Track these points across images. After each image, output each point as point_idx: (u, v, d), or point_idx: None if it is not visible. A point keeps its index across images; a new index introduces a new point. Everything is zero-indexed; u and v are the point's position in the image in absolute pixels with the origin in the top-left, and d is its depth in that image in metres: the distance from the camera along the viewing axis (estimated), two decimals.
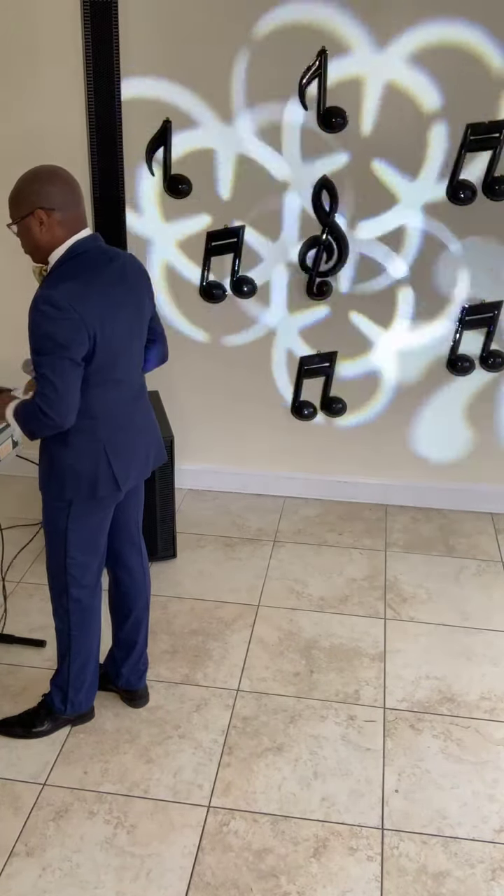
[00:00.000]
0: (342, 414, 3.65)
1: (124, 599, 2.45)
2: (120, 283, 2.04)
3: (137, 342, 2.15)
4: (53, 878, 1.99)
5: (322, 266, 3.37)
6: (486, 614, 3.02)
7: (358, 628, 2.93)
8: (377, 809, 2.19)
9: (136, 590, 2.45)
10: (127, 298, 2.05)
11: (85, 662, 2.36)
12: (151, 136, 3.24)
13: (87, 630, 2.34)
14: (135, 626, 2.47)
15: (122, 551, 2.39)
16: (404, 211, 3.27)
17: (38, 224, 1.95)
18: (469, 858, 2.05)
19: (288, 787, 2.26)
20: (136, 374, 2.19)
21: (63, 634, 2.35)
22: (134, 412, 2.18)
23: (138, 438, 2.20)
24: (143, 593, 2.47)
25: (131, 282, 2.09)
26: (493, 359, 3.43)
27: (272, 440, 3.78)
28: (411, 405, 3.61)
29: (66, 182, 1.98)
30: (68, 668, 2.36)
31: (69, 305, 1.87)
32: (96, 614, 2.37)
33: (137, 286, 2.12)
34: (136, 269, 2.14)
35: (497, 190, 3.13)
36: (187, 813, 2.17)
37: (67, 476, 2.10)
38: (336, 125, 3.11)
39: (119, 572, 2.42)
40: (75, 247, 1.99)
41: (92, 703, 2.45)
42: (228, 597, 3.11)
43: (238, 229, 3.35)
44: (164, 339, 2.33)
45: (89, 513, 2.17)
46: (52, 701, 2.40)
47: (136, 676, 2.51)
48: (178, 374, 3.66)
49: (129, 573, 2.42)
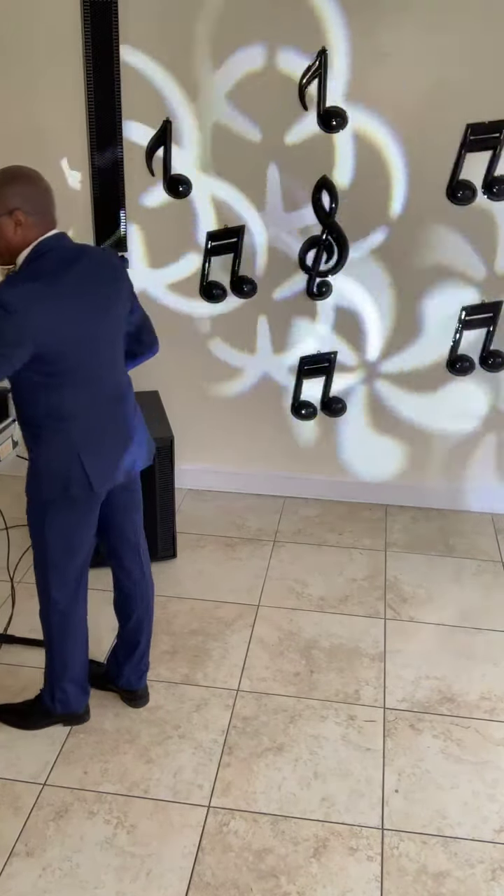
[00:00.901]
0: (342, 414, 3.65)
1: (126, 601, 2.45)
2: (86, 281, 2.00)
3: (111, 341, 2.10)
4: (53, 878, 1.99)
5: (322, 266, 3.37)
6: (486, 614, 3.02)
7: (358, 628, 2.93)
8: (377, 809, 2.19)
9: (136, 592, 2.44)
10: (94, 297, 2.01)
11: (67, 665, 2.36)
12: (151, 137, 3.24)
13: (65, 635, 2.33)
14: (136, 627, 2.47)
15: (119, 553, 2.39)
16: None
17: (14, 225, 1.94)
18: (469, 858, 2.05)
19: (288, 787, 2.26)
20: (114, 373, 2.14)
21: (45, 634, 2.36)
22: (113, 412, 2.15)
23: (118, 440, 2.17)
24: (144, 596, 2.46)
25: (101, 279, 2.05)
26: (493, 359, 3.43)
27: (272, 440, 3.78)
28: (411, 405, 3.61)
29: (41, 184, 1.97)
30: (51, 666, 2.37)
31: (20, 308, 1.84)
32: (76, 620, 2.34)
33: (108, 283, 2.07)
34: (106, 265, 2.09)
35: (497, 190, 3.13)
36: (187, 813, 2.17)
37: (43, 476, 2.10)
38: (336, 125, 3.12)
39: (118, 573, 2.43)
40: (39, 247, 1.96)
41: (83, 706, 2.44)
42: (228, 597, 3.11)
43: (238, 229, 3.35)
44: (148, 329, 2.29)
45: (65, 513, 2.16)
46: (44, 697, 2.41)
47: (136, 676, 2.51)
48: (178, 374, 3.66)
49: (128, 575, 2.42)
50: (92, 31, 2.92)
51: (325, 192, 3.25)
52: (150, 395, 3.60)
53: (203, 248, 3.40)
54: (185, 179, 3.29)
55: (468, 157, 3.11)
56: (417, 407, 3.61)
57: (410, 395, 3.59)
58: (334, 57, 3.05)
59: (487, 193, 3.16)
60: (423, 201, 3.24)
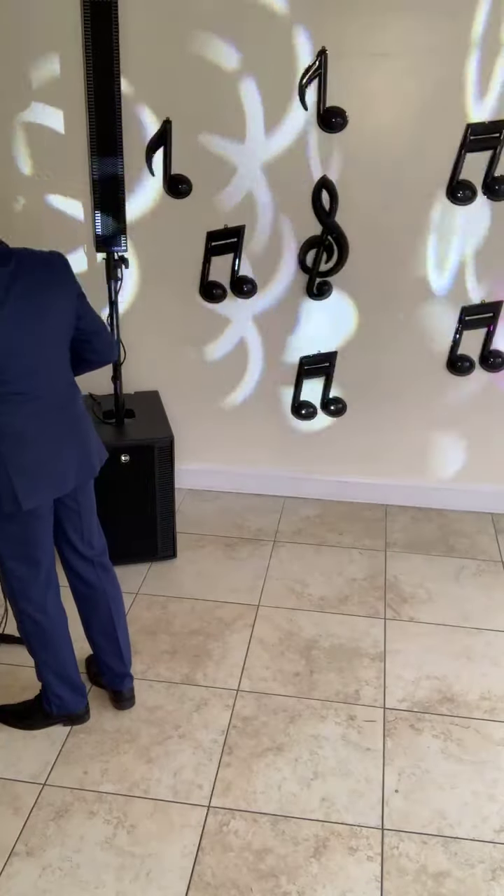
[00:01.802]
0: (342, 414, 3.65)
1: (86, 606, 2.41)
2: (11, 288, 1.89)
3: (44, 350, 1.99)
4: (53, 878, 1.99)
5: (322, 266, 3.37)
6: (486, 614, 3.02)
7: (358, 628, 2.93)
8: (377, 809, 2.19)
9: (95, 597, 2.38)
10: (22, 305, 1.90)
11: (53, 670, 2.35)
12: (151, 137, 3.24)
13: (43, 642, 2.31)
14: (103, 631, 2.42)
15: (68, 559, 2.34)
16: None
17: None
18: (469, 858, 2.05)
19: (288, 787, 2.26)
20: (48, 384, 2.02)
21: (25, 642, 2.36)
22: (50, 426, 2.04)
23: (54, 453, 2.06)
24: (103, 602, 2.39)
25: (34, 284, 1.93)
26: (493, 359, 3.43)
27: (272, 440, 3.78)
28: (411, 405, 3.61)
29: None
30: (40, 672, 2.38)
31: None
32: (51, 627, 2.29)
33: (42, 289, 1.95)
34: (42, 269, 1.98)
35: (497, 190, 3.13)
36: (187, 813, 2.17)
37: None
38: (336, 125, 3.12)
39: (73, 581, 2.38)
40: None
41: (81, 706, 2.44)
42: (228, 597, 3.11)
43: (238, 229, 3.35)
44: (101, 337, 2.18)
45: (6, 527, 2.11)
46: (42, 699, 2.42)
47: (118, 678, 2.49)
48: (178, 374, 3.66)
49: (85, 584, 2.37)
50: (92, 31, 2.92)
51: (325, 192, 3.25)
52: (150, 395, 3.60)
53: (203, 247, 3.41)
54: (185, 179, 3.29)
55: (468, 157, 3.11)
56: (417, 407, 3.61)
57: (410, 395, 3.59)
58: (334, 57, 3.05)
59: (487, 193, 3.16)
60: (423, 201, 3.24)
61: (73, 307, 2.06)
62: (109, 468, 2.34)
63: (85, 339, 2.14)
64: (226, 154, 3.28)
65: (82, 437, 2.16)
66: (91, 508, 2.30)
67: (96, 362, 2.24)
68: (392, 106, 3.12)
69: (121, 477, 3.08)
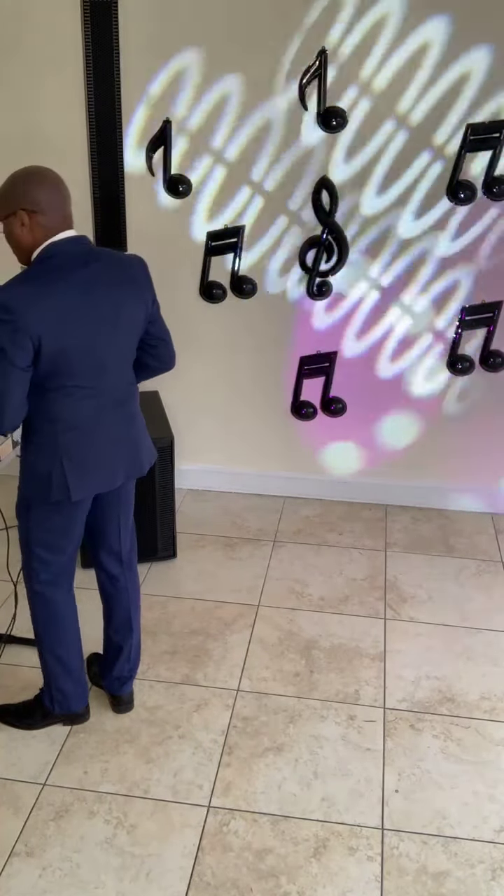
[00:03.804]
0: (342, 414, 3.65)
1: (107, 602, 2.45)
2: (92, 286, 1.96)
3: (114, 349, 2.05)
4: (53, 878, 1.99)
5: (322, 266, 3.37)
6: (486, 614, 3.02)
7: (358, 628, 2.93)
8: (377, 809, 2.19)
9: (117, 597, 2.42)
10: (100, 303, 1.97)
11: (60, 662, 2.36)
12: (151, 137, 3.24)
13: (53, 629, 2.33)
14: (119, 630, 2.45)
15: (100, 557, 2.38)
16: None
17: (20, 225, 1.94)
18: (469, 858, 2.05)
19: (288, 787, 2.26)
20: (116, 380, 2.09)
21: (35, 632, 2.37)
22: (107, 422, 2.10)
23: (107, 449, 2.13)
24: (124, 600, 2.42)
25: (111, 283, 2.00)
26: (493, 359, 3.43)
27: (272, 440, 3.78)
28: (411, 405, 3.61)
29: (53, 184, 1.95)
30: (46, 667, 2.38)
31: (13, 309, 1.83)
32: (62, 613, 2.33)
33: (118, 287, 2.02)
34: (121, 270, 2.05)
35: (497, 190, 3.13)
36: (187, 813, 2.17)
37: (28, 475, 2.11)
38: (336, 125, 3.11)
39: (100, 575, 2.42)
40: (48, 249, 1.95)
41: (82, 706, 2.44)
42: (228, 597, 3.11)
43: (238, 229, 3.35)
44: (166, 344, 2.24)
45: (48, 514, 2.15)
46: (43, 697, 2.42)
47: (118, 682, 2.49)
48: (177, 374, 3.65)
49: (110, 579, 2.41)
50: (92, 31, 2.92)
51: (325, 192, 3.25)
52: (151, 395, 3.60)
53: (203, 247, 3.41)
54: (185, 179, 3.29)
55: (468, 158, 3.11)
56: (417, 407, 3.61)
57: (410, 395, 3.59)
58: (334, 57, 3.05)
59: (487, 193, 3.16)
60: (423, 201, 3.24)
61: (146, 311, 2.11)
62: None
63: (152, 345, 2.20)
64: (226, 154, 3.28)
65: (135, 436, 2.22)
66: (130, 506, 2.36)
67: (156, 369, 2.27)
68: (392, 106, 3.12)
69: None
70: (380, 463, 3.75)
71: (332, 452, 3.77)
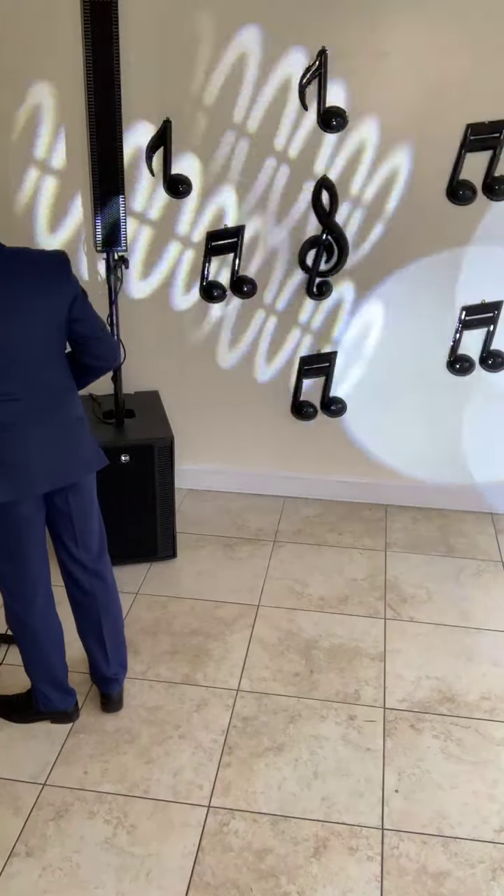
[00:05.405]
0: (342, 414, 3.65)
1: (75, 607, 2.42)
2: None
3: (28, 352, 1.97)
4: (53, 878, 1.99)
5: (322, 266, 3.37)
6: (486, 614, 3.02)
7: (358, 628, 2.93)
8: (377, 809, 2.19)
9: (84, 600, 2.38)
10: (8, 305, 1.90)
11: (39, 669, 2.36)
12: (151, 137, 3.24)
13: (29, 642, 2.32)
14: (88, 635, 2.43)
15: (63, 562, 2.34)
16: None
17: None
18: (469, 858, 2.05)
19: (288, 787, 2.26)
20: (32, 387, 2.01)
21: (14, 638, 2.36)
22: (29, 428, 2.02)
23: (29, 455, 2.04)
24: (93, 606, 2.38)
25: (11, 277, 1.91)
26: (493, 359, 3.43)
27: (272, 440, 3.78)
28: (411, 405, 3.61)
29: None
30: (27, 669, 2.38)
31: None
32: (37, 628, 2.30)
33: (19, 282, 1.93)
34: (32, 266, 1.96)
35: (497, 190, 3.13)
36: (187, 813, 2.17)
37: None
38: (336, 125, 3.12)
39: (65, 580, 2.38)
40: None
41: (69, 706, 2.44)
42: (228, 597, 3.11)
43: (238, 229, 3.35)
44: (101, 342, 2.16)
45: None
46: (31, 694, 2.43)
47: (105, 681, 2.49)
48: (178, 374, 3.66)
49: (75, 584, 2.37)
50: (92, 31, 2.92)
51: (325, 192, 3.25)
52: (150, 395, 3.60)
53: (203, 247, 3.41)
54: (185, 179, 3.29)
55: (468, 157, 3.11)
56: (417, 407, 3.61)
57: (410, 395, 3.59)
58: (334, 57, 3.05)
59: (487, 193, 3.16)
60: (423, 201, 3.24)
61: (62, 309, 2.02)
62: (109, 468, 2.34)
63: (83, 343, 2.12)
64: (226, 154, 3.28)
65: (68, 445, 2.13)
66: (87, 513, 2.27)
67: (98, 368, 2.20)
68: (392, 106, 3.12)
69: (121, 477, 3.08)
70: (380, 463, 3.75)
71: (332, 452, 3.77)
